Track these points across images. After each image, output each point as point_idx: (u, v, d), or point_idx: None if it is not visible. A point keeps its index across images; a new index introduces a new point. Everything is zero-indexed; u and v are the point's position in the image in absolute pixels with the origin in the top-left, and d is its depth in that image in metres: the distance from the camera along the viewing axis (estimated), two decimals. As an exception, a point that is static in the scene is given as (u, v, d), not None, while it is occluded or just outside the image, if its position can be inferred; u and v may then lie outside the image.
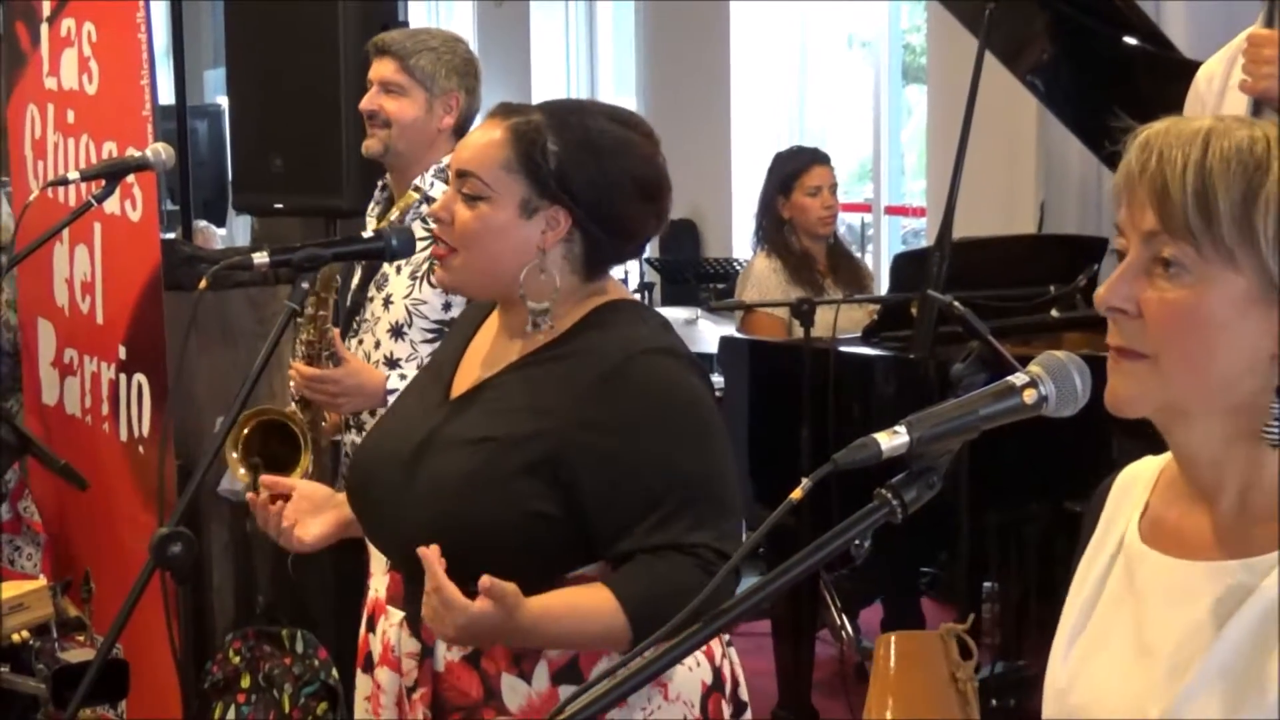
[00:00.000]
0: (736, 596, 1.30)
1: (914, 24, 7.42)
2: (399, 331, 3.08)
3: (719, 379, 4.36)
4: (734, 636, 2.19)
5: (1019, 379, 1.31)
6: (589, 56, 9.44)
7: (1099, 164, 4.84)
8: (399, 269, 3.09)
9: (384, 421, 2.31)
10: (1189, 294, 1.27)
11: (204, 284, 2.16)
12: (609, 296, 2.10)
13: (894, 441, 1.27)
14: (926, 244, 5.60)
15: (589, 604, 1.93)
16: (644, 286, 7.02)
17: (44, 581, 3.27)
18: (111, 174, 3.04)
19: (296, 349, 3.06)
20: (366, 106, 3.21)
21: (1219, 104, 3.12)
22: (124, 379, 3.70)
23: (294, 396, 3.08)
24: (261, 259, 2.28)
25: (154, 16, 3.83)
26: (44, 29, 3.95)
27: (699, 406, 2.02)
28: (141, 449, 3.64)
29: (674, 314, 5.04)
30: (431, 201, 3.12)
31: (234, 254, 3.53)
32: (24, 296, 4.15)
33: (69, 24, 3.84)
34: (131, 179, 3.46)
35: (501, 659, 2.01)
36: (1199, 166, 1.26)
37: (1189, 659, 1.29)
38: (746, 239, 7.46)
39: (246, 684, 3.98)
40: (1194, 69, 3.32)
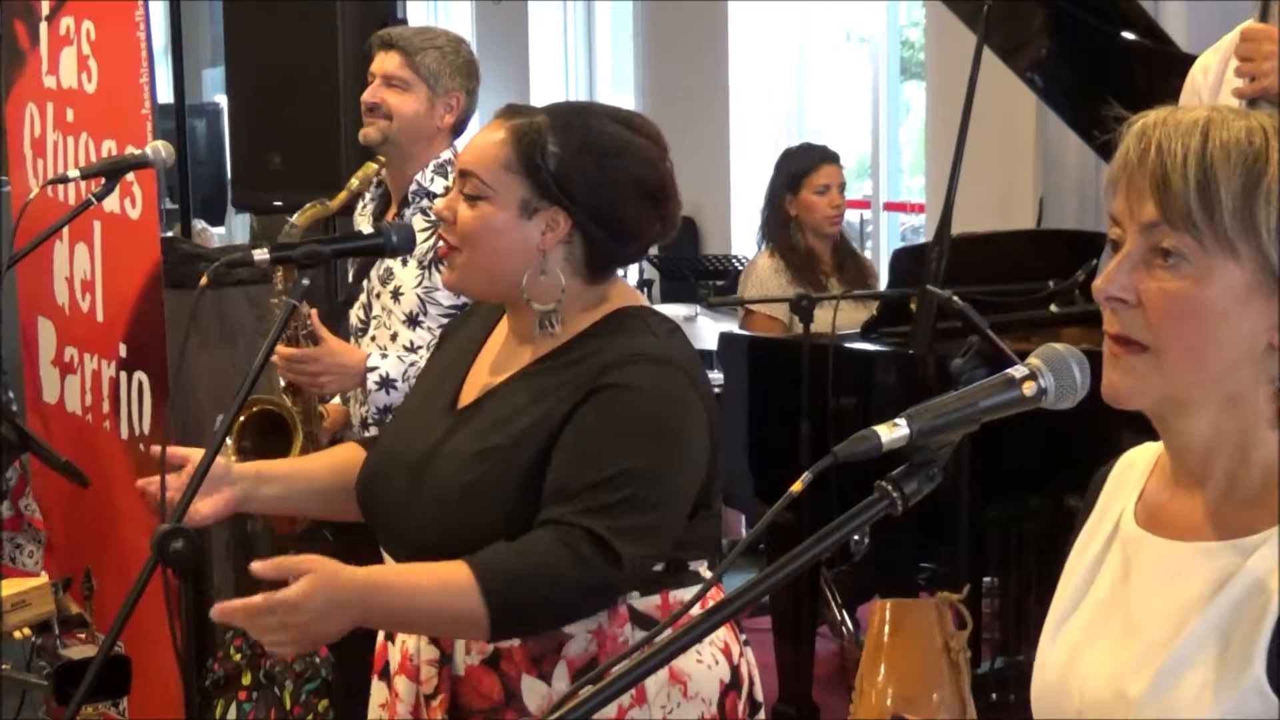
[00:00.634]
0: (739, 589, 1.29)
1: (912, 20, 7.42)
2: (415, 320, 3.10)
3: (718, 376, 4.36)
4: (736, 633, 2.19)
5: (1018, 371, 1.31)
6: (587, 54, 9.44)
7: (1097, 159, 4.85)
8: (404, 262, 3.10)
9: (393, 427, 2.32)
10: (1189, 284, 1.28)
11: (204, 280, 2.16)
12: (618, 303, 2.10)
13: (894, 434, 1.27)
14: (925, 240, 5.59)
15: (435, 574, 1.91)
16: (643, 284, 7.02)
17: (45, 578, 3.27)
18: (111, 172, 3.04)
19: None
20: (369, 99, 3.22)
21: (1215, 96, 3.12)
22: (124, 377, 3.70)
23: (282, 385, 3.09)
24: (262, 255, 2.28)
25: (153, 15, 3.84)
26: (43, 27, 3.95)
27: (676, 417, 1.99)
28: (142, 446, 3.65)
29: (673, 311, 5.03)
30: (431, 196, 3.14)
31: (234, 252, 3.54)
32: (24, 295, 4.15)
33: (68, 22, 3.84)
34: (131, 177, 3.46)
35: (521, 660, 2.01)
36: (1200, 157, 1.27)
37: (1172, 636, 1.30)
38: (746, 236, 7.48)
39: (248, 681, 3.97)
40: (1192, 63, 3.32)
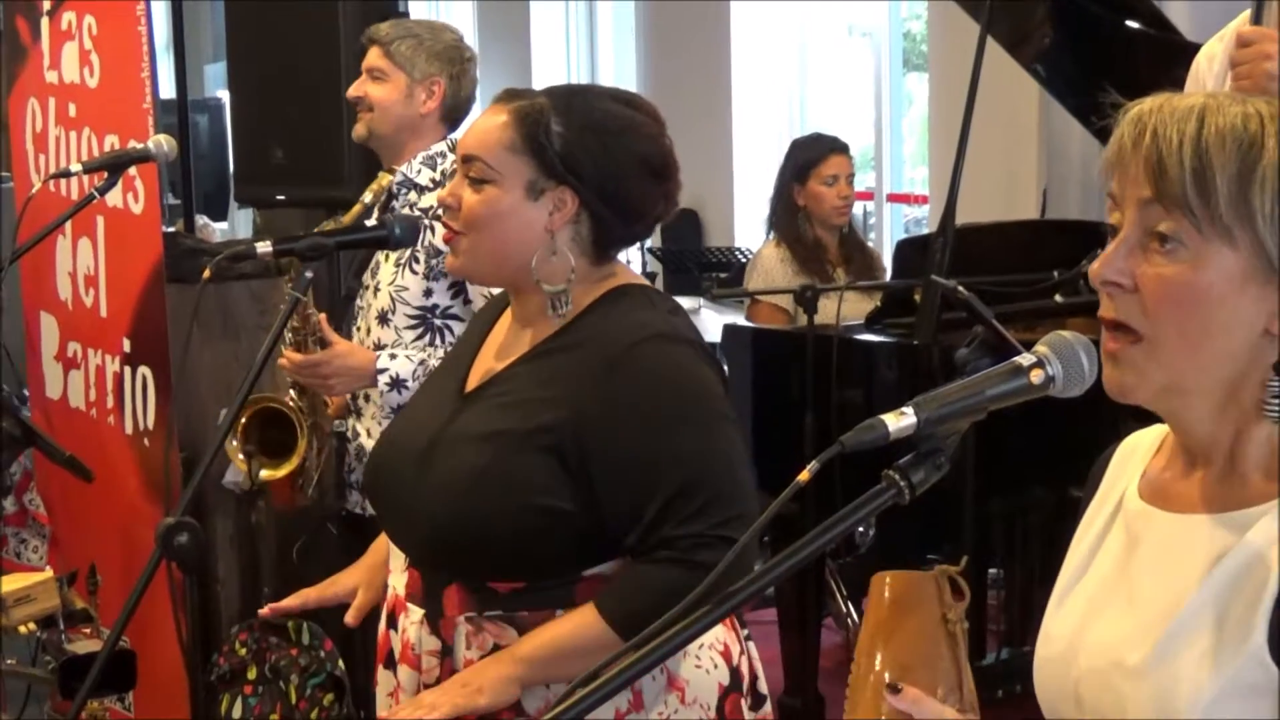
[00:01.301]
0: (746, 579, 1.28)
1: (914, 12, 7.41)
2: (384, 318, 3.10)
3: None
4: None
5: (1026, 359, 1.31)
6: (589, 49, 9.44)
7: (1101, 149, 4.82)
8: (388, 256, 3.10)
9: (400, 417, 2.31)
10: (1186, 270, 1.28)
11: (207, 273, 2.16)
12: (619, 281, 2.09)
13: (901, 423, 1.26)
14: (929, 231, 5.59)
15: (576, 627, 1.95)
16: (646, 276, 7.00)
17: (50, 573, 3.27)
18: (113, 166, 3.03)
19: (285, 337, 3.08)
20: (353, 93, 3.24)
21: (1220, 85, 3.11)
22: (128, 372, 3.70)
23: (289, 384, 3.10)
24: (265, 248, 2.28)
25: (154, 12, 3.83)
26: (44, 22, 3.94)
27: (704, 393, 2.01)
28: (146, 441, 3.64)
29: (676, 304, 5.02)
30: (417, 188, 3.13)
31: (236, 245, 3.54)
32: (27, 290, 4.15)
33: (69, 17, 3.83)
34: (133, 171, 3.46)
35: None
36: (1195, 143, 1.26)
37: (1172, 607, 1.30)
38: (748, 228, 7.48)
39: (253, 675, 3.96)
40: (1196, 51, 3.31)
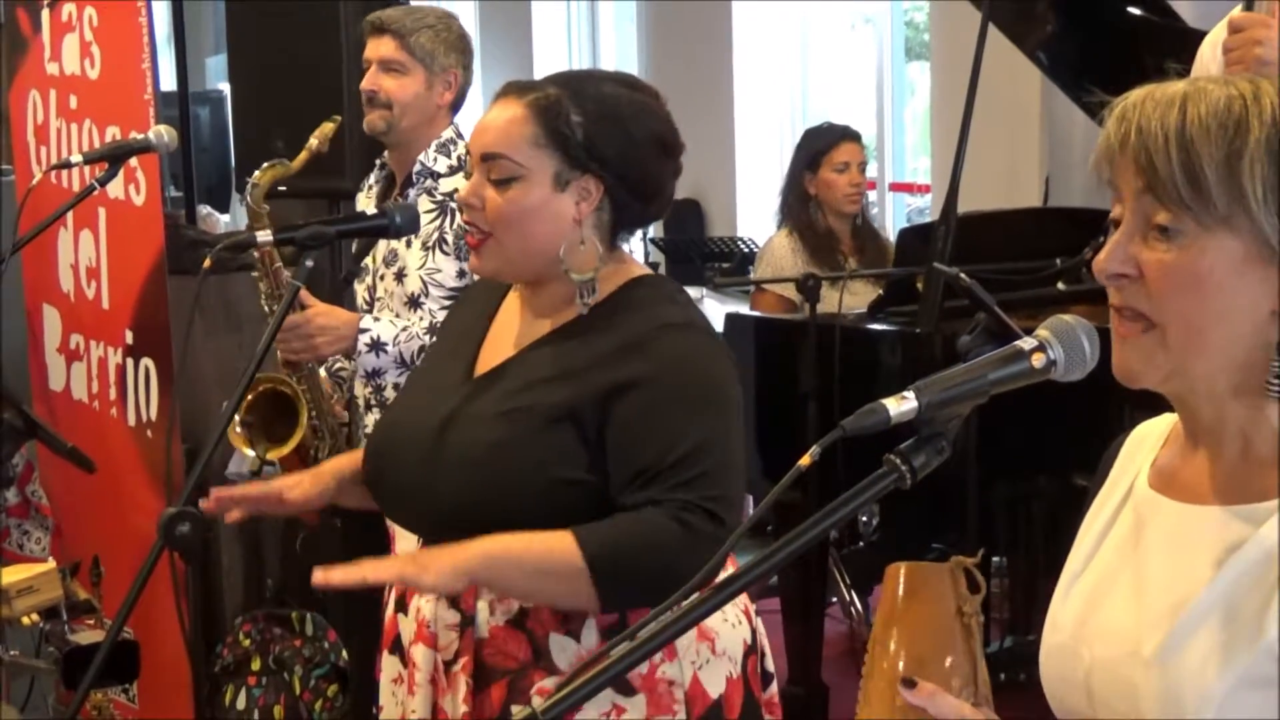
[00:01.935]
0: (745, 565, 1.28)
1: (916, 2, 7.40)
2: (415, 302, 3.10)
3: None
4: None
5: (1027, 343, 1.31)
6: (591, 39, 9.43)
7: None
8: (409, 243, 3.10)
9: (400, 403, 2.30)
10: (1187, 256, 1.28)
11: (208, 263, 2.16)
12: (634, 272, 2.11)
13: (903, 407, 1.26)
14: (931, 220, 5.58)
15: (547, 548, 1.93)
16: (649, 266, 7.00)
17: (53, 564, 3.26)
18: (114, 157, 3.02)
19: (265, 307, 3.12)
20: (367, 87, 3.21)
21: (1223, 72, 3.10)
22: (131, 363, 3.70)
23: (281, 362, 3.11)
24: (265, 237, 2.27)
25: (155, 5, 3.83)
26: (45, 14, 3.94)
27: (719, 380, 2.03)
28: (149, 433, 3.64)
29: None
30: (435, 175, 3.13)
31: (237, 236, 3.54)
32: (29, 282, 4.15)
33: (70, 9, 3.83)
34: (134, 163, 3.45)
35: (548, 619, 2.00)
36: (1179, 135, 1.26)
37: (1184, 599, 1.30)
38: (751, 218, 7.47)
39: (257, 666, 3.98)
40: (1200, 39, 3.30)
